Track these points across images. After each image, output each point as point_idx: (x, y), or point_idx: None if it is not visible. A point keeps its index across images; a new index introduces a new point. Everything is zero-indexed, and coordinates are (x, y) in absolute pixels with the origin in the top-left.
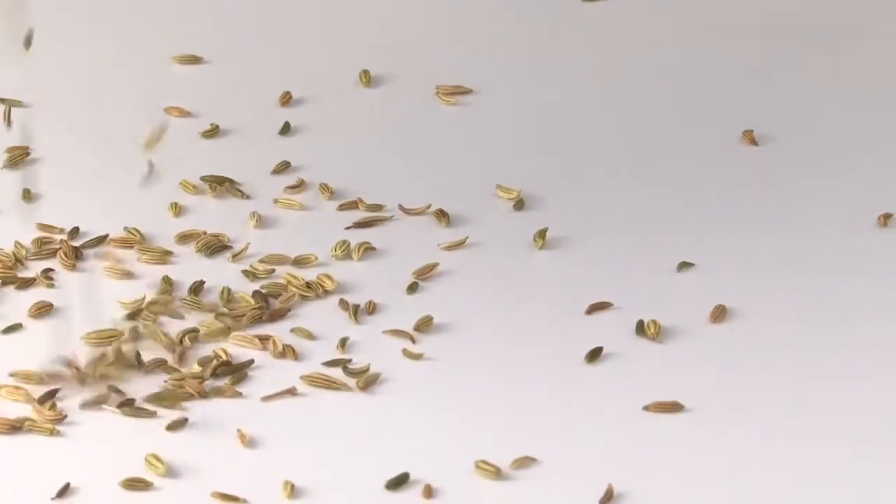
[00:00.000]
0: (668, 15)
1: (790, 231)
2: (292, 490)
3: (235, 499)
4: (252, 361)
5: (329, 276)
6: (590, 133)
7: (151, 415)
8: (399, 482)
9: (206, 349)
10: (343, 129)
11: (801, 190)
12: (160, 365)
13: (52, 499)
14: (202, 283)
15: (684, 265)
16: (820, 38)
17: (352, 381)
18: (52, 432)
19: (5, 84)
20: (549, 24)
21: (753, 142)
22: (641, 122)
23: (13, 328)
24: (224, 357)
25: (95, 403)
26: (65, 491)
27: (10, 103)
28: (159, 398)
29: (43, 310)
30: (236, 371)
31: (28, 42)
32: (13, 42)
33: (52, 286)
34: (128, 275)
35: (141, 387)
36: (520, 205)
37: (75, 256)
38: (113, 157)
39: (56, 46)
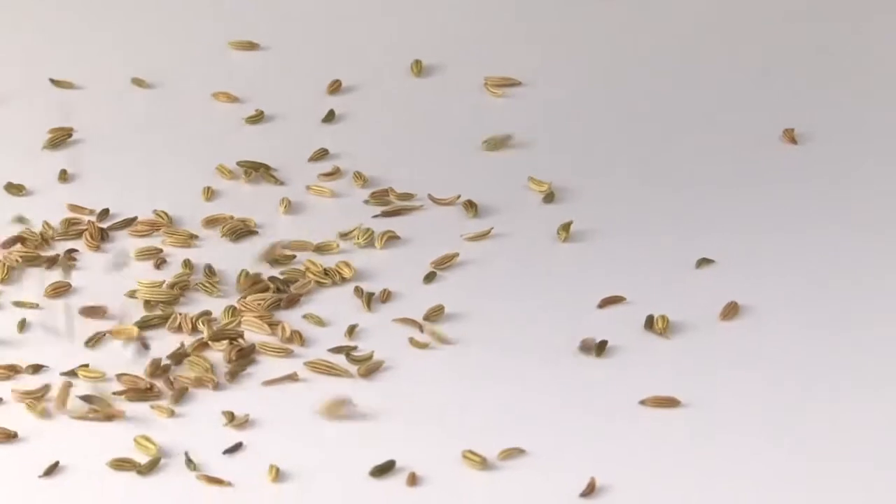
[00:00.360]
0: (716, 12)
1: (820, 231)
2: (277, 474)
3: (220, 481)
4: (254, 347)
5: (347, 264)
6: (632, 129)
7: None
8: (384, 469)
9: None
10: (388, 118)
11: (835, 190)
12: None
13: (40, 476)
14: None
15: (704, 262)
16: (866, 38)
17: (353, 368)
18: (43, 413)
19: (58, 65)
20: (603, 20)
21: (793, 140)
22: (686, 120)
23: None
24: (241, 343)
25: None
26: (53, 469)
27: (62, 85)
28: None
29: (60, 289)
30: (245, 356)
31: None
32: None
33: (73, 267)
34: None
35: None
36: (549, 198)
37: (101, 238)
38: (156, 140)
39: (115, 26)
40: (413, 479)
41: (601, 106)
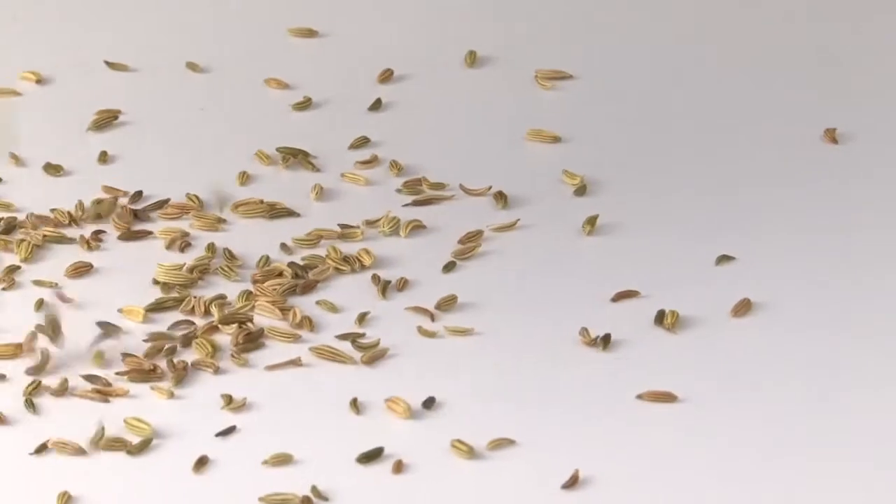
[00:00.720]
0: (762, 11)
1: (848, 232)
2: (265, 458)
3: (207, 463)
4: (262, 331)
5: (368, 251)
6: (674, 125)
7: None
8: (371, 456)
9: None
10: (435, 108)
11: (871, 191)
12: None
13: (30, 454)
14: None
15: (724, 258)
16: None
17: (358, 355)
18: (29, 400)
19: (114, 48)
20: (655, 16)
21: (834, 140)
22: (727, 118)
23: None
24: (250, 328)
25: None
26: (44, 448)
27: (117, 67)
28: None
29: (81, 270)
30: (252, 341)
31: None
32: None
33: (97, 248)
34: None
35: None
36: (581, 191)
37: (130, 220)
38: (202, 124)
39: (175, 10)
40: (399, 467)
41: (647, 102)
